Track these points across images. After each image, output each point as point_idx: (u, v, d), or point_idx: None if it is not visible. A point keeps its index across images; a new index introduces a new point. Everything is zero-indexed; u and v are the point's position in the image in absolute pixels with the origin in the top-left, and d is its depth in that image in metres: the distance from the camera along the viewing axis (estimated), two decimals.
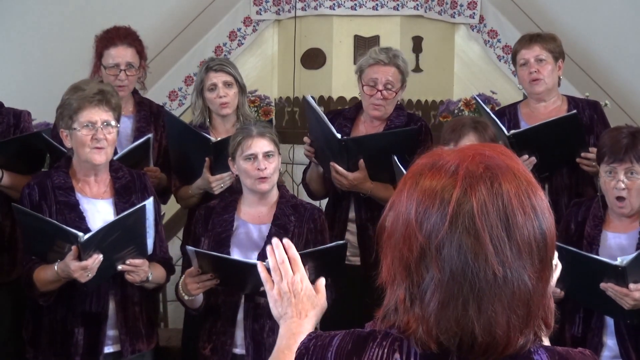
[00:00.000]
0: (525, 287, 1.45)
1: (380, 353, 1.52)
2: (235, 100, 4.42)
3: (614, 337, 3.49)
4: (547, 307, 1.50)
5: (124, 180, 3.70)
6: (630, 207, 3.52)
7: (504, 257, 1.44)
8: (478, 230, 1.44)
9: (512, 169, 1.50)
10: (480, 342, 1.45)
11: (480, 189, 1.46)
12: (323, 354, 1.56)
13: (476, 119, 3.78)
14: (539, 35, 4.38)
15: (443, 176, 1.49)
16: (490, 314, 1.44)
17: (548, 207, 1.50)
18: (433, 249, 1.46)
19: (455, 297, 1.45)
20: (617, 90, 6.76)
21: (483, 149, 1.53)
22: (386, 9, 6.34)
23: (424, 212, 1.48)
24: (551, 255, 1.50)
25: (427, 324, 1.47)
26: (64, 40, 6.67)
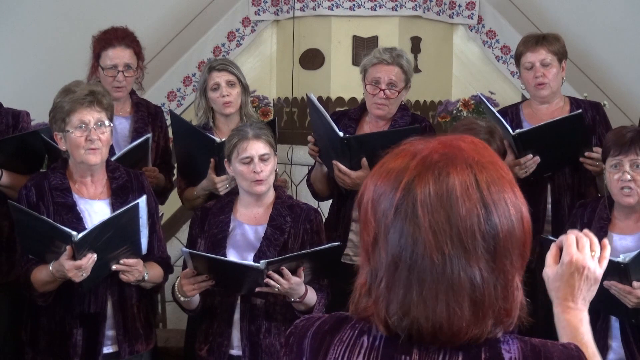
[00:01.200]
0: (469, 277, 1.45)
1: (350, 334, 1.56)
2: (239, 99, 4.43)
3: (619, 340, 3.49)
4: (509, 299, 1.50)
5: (121, 181, 3.69)
6: (637, 197, 3.52)
7: (444, 246, 1.45)
8: (419, 218, 1.46)
9: (472, 161, 1.50)
10: (426, 328, 1.47)
11: (428, 177, 1.47)
12: (304, 332, 1.61)
13: (489, 127, 3.75)
14: (544, 37, 4.35)
15: (402, 162, 1.51)
16: (431, 301, 1.46)
17: (514, 204, 1.50)
18: (382, 233, 1.49)
19: (399, 281, 1.47)
20: (615, 90, 6.77)
21: (454, 141, 1.55)
22: (385, 9, 6.34)
23: (378, 197, 1.50)
24: (512, 248, 1.49)
25: (377, 307, 1.50)
26: (62, 41, 6.67)
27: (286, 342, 1.63)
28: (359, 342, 1.54)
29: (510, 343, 1.52)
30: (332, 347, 1.56)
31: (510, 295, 1.50)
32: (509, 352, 1.50)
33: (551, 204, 4.26)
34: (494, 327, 1.49)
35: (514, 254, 1.49)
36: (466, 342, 1.48)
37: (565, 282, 1.75)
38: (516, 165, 4.08)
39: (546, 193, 4.26)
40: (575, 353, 1.57)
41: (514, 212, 1.49)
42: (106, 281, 3.57)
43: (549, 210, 4.26)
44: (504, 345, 1.51)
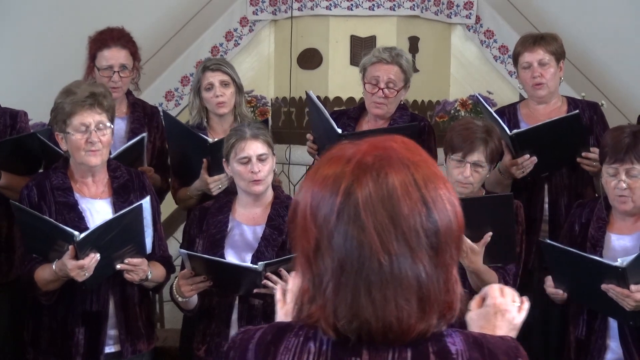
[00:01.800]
0: (415, 275, 1.48)
1: (296, 342, 1.56)
2: (232, 99, 4.42)
3: (617, 340, 3.49)
4: (450, 292, 1.53)
5: (122, 180, 3.70)
6: (633, 204, 3.52)
7: (390, 246, 1.47)
8: (363, 221, 1.47)
9: (407, 160, 1.52)
10: (376, 329, 1.49)
11: (367, 179, 1.49)
12: (246, 345, 1.60)
13: (487, 127, 3.75)
14: (542, 37, 4.35)
15: (337, 168, 1.52)
16: (380, 302, 1.48)
17: (448, 199, 1.53)
18: (325, 239, 1.50)
19: (346, 285, 1.49)
20: (612, 90, 6.77)
21: (384, 142, 1.56)
22: (382, 9, 6.33)
23: (317, 203, 1.51)
24: (450, 242, 1.52)
25: (325, 313, 1.51)
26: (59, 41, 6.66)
27: (226, 357, 1.63)
28: (306, 349, 1.55)
29: (453, 336, 1.55)
30: (278, 357, 1.55)
31: (452, 288, 1.54)
32: (454, 345, 1.54)
33: (548, 204, 4.26)
34: (439, 321, 1.53)
35: (452, 247, 1.53)
36: (414, 338, 1.51)
37: (488, 321, 1.81)
38: (513, 165, 4.08)
39: (543, 193, 4.26)
40: (512, 343, 1.61)
41: (450, 208, 1.53)
42: (108, 280, 3.58)
43: (546, 210, 4.26)
44: (449, 339, 1.54)
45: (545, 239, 3.62)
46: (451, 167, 3.71)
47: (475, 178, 3.67)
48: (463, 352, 1.54)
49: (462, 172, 3.66)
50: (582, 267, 3.40)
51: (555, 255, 3.49)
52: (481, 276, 3.53)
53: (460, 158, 3.67)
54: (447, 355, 1.53)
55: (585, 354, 3.57)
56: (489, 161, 3.68)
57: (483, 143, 3.67)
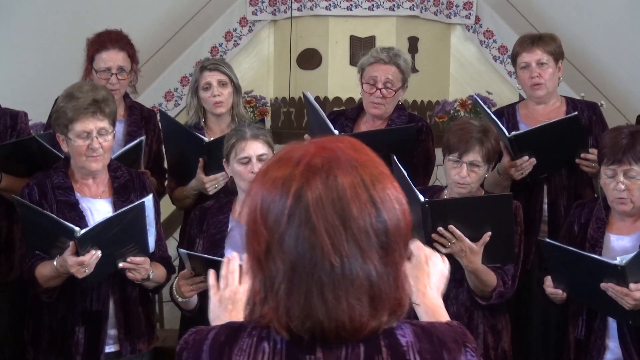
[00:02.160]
0: (366, 274, 1.51)
1: (250, 342, 1.57)
2: (230, 99, 4.42)
3: (616, 340, 3.48)
4: (400, 289, 1.56)
5: (123, 180, 3.71)
6: (632, 205, 3.51)
7: (341, 248, 1.50)
8: (313, 223, 1.49)
9: (355, 161, 1.54)
10: (329, 328, 1.51)
11: (317, 182, 1.51)
12: (199, 346, 1.60)
13: (483, 127, 3.74)
14: (540, 37, 4.35)
15: (286, 170, 1.54)
16: (332, 302, 1.50)
17: (396, 198, 1.56)
18: (276, 241, 1.52)
19: (298, 286, 1.51)
20: (612, 90, 6.77)
21: (331, 143, 1.58)
22: (382, 9, 6.34)
23: (267, 206, 1.53)
24: (399, 241, 1.55)
25: (277, 313, 1.53)
26: (59, 41, 6.66)
27: (179, 358, 1.63)
28: (260, 349, 1.56)
29: (403, 328, 1.59)
30: (233, 358, 1.57)
31: (401, 285, 1.57)
32: (405, 337, 1.58)
33: (547, 205, 4.26)
34: (390, 318, 1.56)
35: (401, 245, 1.56)
36: (366, 335, 1.54)
37: (421, 270, 1.92)
38: (512, 167, 4.08)
39: (542, 194, 4.26)
40: (459, 329, 1.66)
41: (398, 207, 1.56)
42: (108, 280, 3.58)
43: (545, 211, 4.26)
44: (399, 331, 1.58)
45: (544, 239, 3.62)
46: (448, 168, 3.71)
47: (473, 178, 3.67)
48: (413, 344, 1.58)
49: (458, 173, 3.66)
50: (582, 266, 3.40)
51: (555, 255, 3.49)
52: (480, 276, 3.53)
53: (456, 158, 3.67)
54: (398, 347, 1.57)
55: (585, 354, 3.56)
56: (486, 161, 3.68)
57: (479, 143, 3.66)
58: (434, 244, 3.45)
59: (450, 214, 3.47)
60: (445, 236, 3.45)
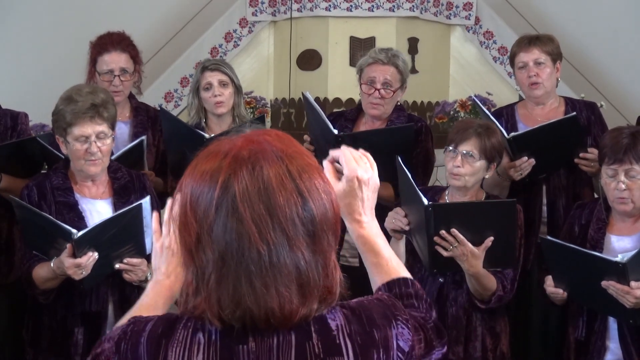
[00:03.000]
0: (294, 262, 1.55)
1: (185, 334, 1.60)
2: (231, 100, 4.43)
3: (617, 341, 3.48)
4: (330, 277, 1.60)
5: (123, 181, 3.71)
6: (633, 205, 3.52)
7: (268, 236, 1.53)
8: (240, 212, 1.53)
9: (281, 152, 1.58)
10: (258, 316, 1.55)
11: (243, 172, 1.55)
12: (137, 339, 1.62)
13: (486, 125, 3.75)
14: (538, 37, 4.36)
15: (214, 162, 1.59)
16: (261, 290, 1.54)
17: (323, 188, 1.59)
18: (205, 232, 1.56)
19: (227, 276, 1.55)
20: (612, 91, 6.77)
21: (259, 136, 1.62)
22: (382, 10, 6.34)
23: (196, 198, 1.57)
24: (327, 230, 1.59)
25: (209, 303, 1.56)
26: (59, 42, 6.67)
27: (117, 349, 1.64)
28: (195, 340, 1.59)
29: (334, 312, 1.63)
30: (170, 350, 1.59)
31: (331, 273, 1.60)
32: (334, 320, 1.61)
33: (546, 205, 4.27)
34: (320, 305, 1.59)
35: (329, 234, 1.59)
36: (297, 322, 1.57)
37: (354, 197, 1.86)
38: (511, 167, 4.08)
39: (541, 195, 4.27)
40: (389, 302, 1.70)
41: (325, 197, 1.59)
42: (107, 281, 3.59)
43: (545, 212, 4.27)
44: (329, 315, 1.62)
45: (546, 236, 3.62)
46: (447, 162, 3.71)
47: (467, 169, 3.65)
48: (343, 327, 1.61)
49: (453, 163, 3.66)
50: (583, 264, 3.40)
51: (556, 253, 3.49)
52: (480, 280, 3.53)
53: (452, 148, 3.68)
54: (328, 332, 1.60)
55: (585, 355, 3.56)
56: (483, 155, 3.66)
57: (476, 135, 3.66)
58: (436, 247, 3.45)
59: (453, 218, 3.47)
60: (448, 239, 3.45)
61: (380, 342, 1.63)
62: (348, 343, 1.60)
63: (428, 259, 3.53)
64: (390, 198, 4.02)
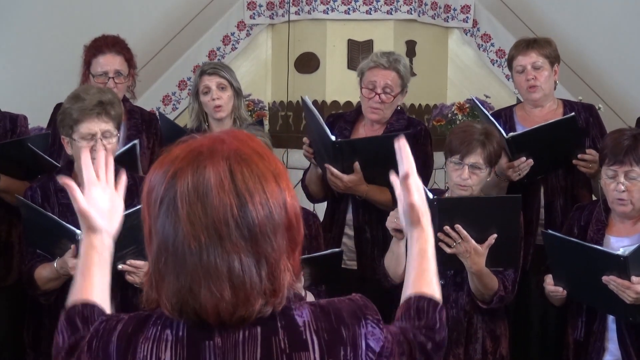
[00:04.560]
0: (226, 264, 1.57)
1: (154, 331, 1.63)
2: (230, 103, 4.42)
3: (616, 342, 3.48)
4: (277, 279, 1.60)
5: (127, 184, 3.69)
6: (632, 206, 3.52)
7: (200, 234, 1.56)
8: (178, 209, 1.58)
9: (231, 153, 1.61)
10: (196, 313, 1.58)
11: (188, 170, 1.59)
12: (108, 337, 1.65)
13: (486, 130, 3.75)
14: (535, 40, 4.37)
15: (172, 155, 1.64)
16: (195, 288, 1.57)
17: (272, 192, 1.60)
18: (153, 225, 1.63)
19: (167, 270, 1.60)
20: (610, 93, 6.79)
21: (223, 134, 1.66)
22: (380, 13, 6.34)
23: (151, 190, 1.64)
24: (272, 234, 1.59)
25: (159, 297, 1.62)
26: (57, 45, 6.66)
27: (89, 347, 1.66)
28: (163, 337, 1.62)
29: (301, 309, 1.65)
30: (139, 347, 1.62)
31: (277, 277, 1.61)
32: (302, 317, 1.64)
33: (544, 207, 4.27)
34: (264, 306, 1.60)
35: (275, 238, 1.60)
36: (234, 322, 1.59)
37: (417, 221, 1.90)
38: (510, 168, 4.09)
39: (539, 196, 4.27)
40: (360, 302, 1.71)
41: (273, 201, 1.60)
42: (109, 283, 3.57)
43: (542, 213, 4.27)
44: (297, 312, 1.65)
45: (547, 230, 3.62)
46: (450, 170, 3.71)
47: (474, 180, 3.67)
48: (310, 323, 1.64)
49: (460, 175, 3.67)
50: (584, 258, 3.39)
51: (557, 247, 3.49)
52: (482, 279, 3.53)
53: (458, 160, 3.68)
54: (295, 327, 1.63)
55: (584, 356, 3.57)
56: (488, 163, 3.68)
57: (481, 145, 3.67)
58: (439, 243, 3.45)
59: (457, 213, 3.46)
60: (452, 236, 3.45)
61: (348, 340, 1.64)
62: (314, 339, 1.62)
63: None
64: (389, 203, 4.01)
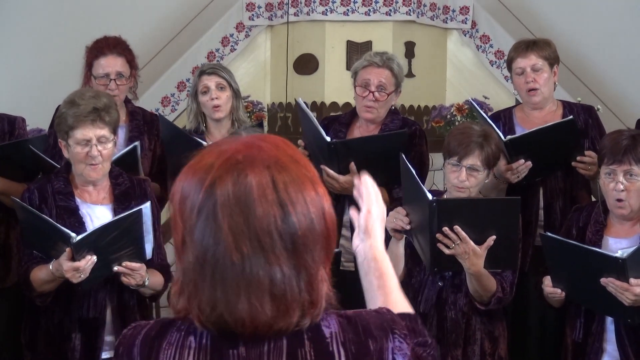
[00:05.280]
0: (268, 275, 1.53)
1: (178, 336, 1.60)
2: (229, 104, 4.42)
3: (614, 343, 3.48)
4: (315, 291, 1.57)
5: (124, 187, 3.70)
6: (630, 208, 3.53)
7: (243, 245, 1.52)
8: (219, 219, 1.52)
9: (271, 160, 1.56)
10: (231, 324, 1.54)
11: (228, 179, 1.54)
12: (133, 341, 1.64)
13: (485, 132, 3.75)
14: (535, 42, 4.36)
15: (207, 162, 1.57)
16: (233, 299, 1.53)
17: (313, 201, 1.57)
18: (188, 233, 1.56)
19: (204, 280, 1.55)
20: (609, 94, 6.79)
21: (258, 141, 1.60)
22: (378, 14, 6.35)
23: (185, 198, 1.57)
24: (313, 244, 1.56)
25: (190, 306, 1.57)
26: (56, 47, 6.67)
27: (116, 353, 1.66)
28: (187, 343, 1.59)
29: (328, 319, 1.61)
30: (161, 352, 1.60)
31: (315, 288, 1.57)
32: (329, 328, 1.60)
33: (543, 208, 4.27)
34: (302, 319, 1.56)
35: (315, 249, 1.56)
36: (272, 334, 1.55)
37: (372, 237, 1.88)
38: (508, 170, 4.09)
39: (538, 197, 4.27)
40: (387, 316, 1.66)
41: (314, 210, 1.56)
42: (105, 287, 3.58)
43: (541, 214, 4.27)
44: (324, 322, 1.60)
45: (546, 233, 3.62)
46: (448, 172, 3.72)
47: (472, 182, 3.67)
48: (337, 334, 1.59)
49: (458, 177, 3.67)
50: (582, 260, 3.40)
51: (556, 249, 3.49)
52: (481, 280, 3.53)
53: (456, 162, 3.68)
54: (322, 339, 1.59)
55: (582, 357, 3.57)
56: (486, 165, 3.68)
57: (479, 147, 3.67)
58: (438, 244, 3.45)
59: (456, 215, 3.46)
60: (450, 237, 3.45)
61: (375, 353, 1.60)
62: (341, 351, 1.59)
63: (429, 257, 3.53)
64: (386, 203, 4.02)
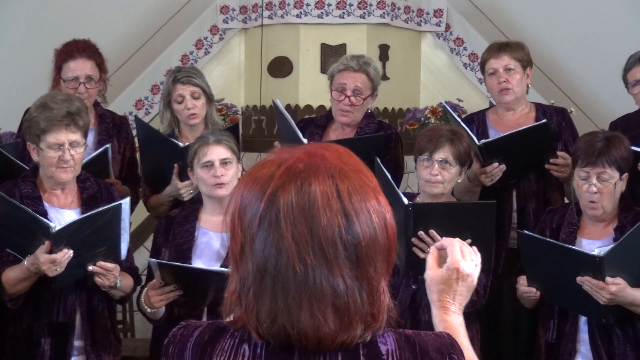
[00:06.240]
0: (331, 286, 1.49)
1: (231, 343, 1.57)
2: (204, 110, 4.41)
3: (587, 344, 3.50)
4: (376, 304, 1.53)
5: (91, 191, 3.69)
6: (603, 210, 3.54)
7: (306, 256, 1.48)
8: (282, 229, 1.48)
9: (334, 170, 1.52)
10: (292, 335, 1.50)
11: (290, 188, 1.50)
12: (184, 343, 1.61)
13: (454, 129, 3.77)
14: (507, 44, 4.39)
15: (267, 172, 1.54)
16: (295, 309, 1.49)
17: (376, 211, 1.53)
18: (248, 243, 1.52)
19: (265, 290, 1.51)
20: (581, 97, 6.82)
21: (320, 149, 1.57)
22: (353, 17, 6.35)
23: (244, 207, 1.54)
24: (375, 255, 1.52)
25: (248, 316, 1.53)
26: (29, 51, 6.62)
27: (166, 352, 1.63)
28: (240, 351, 1.56)
29: (385, 336, 1.56)
30: (214, 358, 1.57)
31: (377, 300, 1.53)
32: (385, 345, 1.55)
33: (516, 210, 4.29)
34: (363, 332, 1.53)
35: (377, 260, 1.53)
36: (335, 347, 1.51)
37: (449, 286, 1.81)
38: (482, 173, 4.10)
39: (511, 200, 4.29)
40: (447, 340, 1.61)
41: (377, 220, 1.53)
42: (75, 291, 3.56)
43: (515, 217, 4.29)
44: (380, 339, 1.56)
45: (523, 230, 3.63)
46: (420, 169, 3.72)
47: (445, 176, 3.68)
48: (394, 352, 1.55)
49: (430, 171, 3.67)
50: (559, 259, 3.41)
51: (533, 247, 3.50)
52: None
53: (427, 157, 3.69)
54: (378, 355, 1.54)
55: (555, 358, 3.58)
56: (457, 160, 3.69)
57: (449, 142, 3.69)
58: (413, 248, 3.45)
59: (432, 219, 3.47)
60: (426, 241, 3.45)
61: None
62: None
63: (404, 261, 3.53)
64: None
